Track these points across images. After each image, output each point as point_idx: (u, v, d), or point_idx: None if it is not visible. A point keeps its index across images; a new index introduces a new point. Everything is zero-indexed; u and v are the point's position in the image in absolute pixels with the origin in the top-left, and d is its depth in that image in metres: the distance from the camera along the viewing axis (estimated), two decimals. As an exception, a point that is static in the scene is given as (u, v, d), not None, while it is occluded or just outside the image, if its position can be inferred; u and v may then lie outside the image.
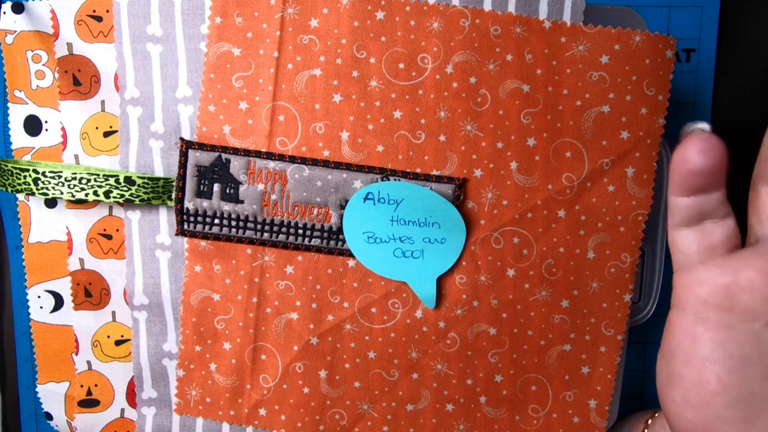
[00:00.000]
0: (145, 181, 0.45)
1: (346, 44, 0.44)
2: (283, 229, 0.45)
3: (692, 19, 0.60)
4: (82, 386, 0.51)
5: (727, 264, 0.38)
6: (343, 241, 0.45)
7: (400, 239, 0.44)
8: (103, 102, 0.47)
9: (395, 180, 0.44)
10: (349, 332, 0.47)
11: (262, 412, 0.49)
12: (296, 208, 0.45)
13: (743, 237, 0.41)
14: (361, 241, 0.45)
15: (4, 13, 0.47)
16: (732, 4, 0.59)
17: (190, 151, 0.45)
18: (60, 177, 0.44)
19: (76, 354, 0.50)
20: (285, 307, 0.47)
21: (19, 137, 0.49)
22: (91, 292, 0.49)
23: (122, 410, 0.51)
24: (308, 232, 0.45)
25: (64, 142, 0.47)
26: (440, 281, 0.46)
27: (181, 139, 0.45)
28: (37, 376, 0.52)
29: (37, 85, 0.48)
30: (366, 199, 0.44)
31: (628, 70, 0.43)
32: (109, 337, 0.50)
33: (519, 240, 0.45)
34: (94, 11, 0.46)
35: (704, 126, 0.38)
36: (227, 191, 0.45)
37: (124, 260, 0.48)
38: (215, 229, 0.46)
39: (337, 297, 0.46)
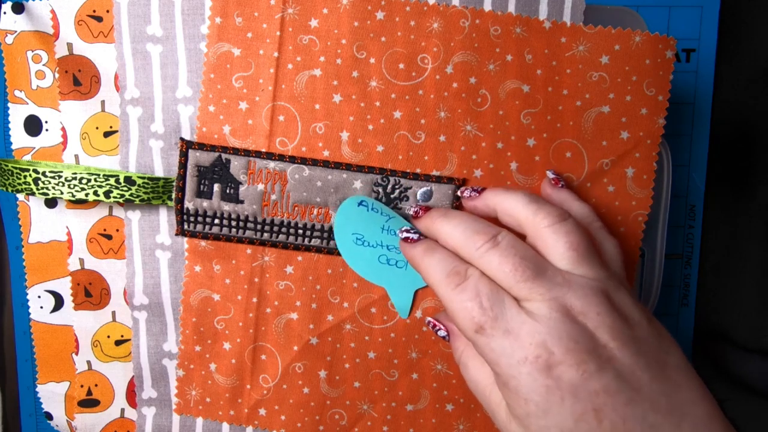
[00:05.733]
0: (145, 181, 0.45)
1: (346, 44, 0.44)
2: (283, 229, 0.45)
3: (692, 19, 0.60)
4: (82, 386, 0.51)
5: None
6: (343, 241, 0.45)
7: (387, 247, 0.44)
8: (103, 102, 0.47)
9: (395, 180, 0.44)
10: (349, 332, 0.47)
11: (262, 412, 0.49)
12: (296, 208, 0.45)
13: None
14: (349, 241, 0.45)
15: (5, 13, 0.47)
16: (732, 4, 0.59)
17: (190, 151, 0.45)
18: (60, 177, 0.44)
19: (76, 354, 0.50)
20: (285, 307, 0.47)
21: (19, 137, 0.49)
22: (91, 292, 0.49)
23: (122, 410, 0.51)
24: (308, 232, 0.45)
25: (65, 142, 0.47)
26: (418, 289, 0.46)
27: (181, 139, 0.45)
28: (37, 376, 0.52)
29: (38, 85, 0.48)
30: (360, 204, 0.44)
31: (628, 70, 0.43)
32: (109, 337, 0.50)
33: None
34: (94, 11, 0.46)
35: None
36: (227, 191, 0.45)
37: (124, 260, 0.48)
38: (215, 229, 0.46)
39: (337, 297, 0.46)
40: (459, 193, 0.44)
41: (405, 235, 0.42)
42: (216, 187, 0.45)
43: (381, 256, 0.45)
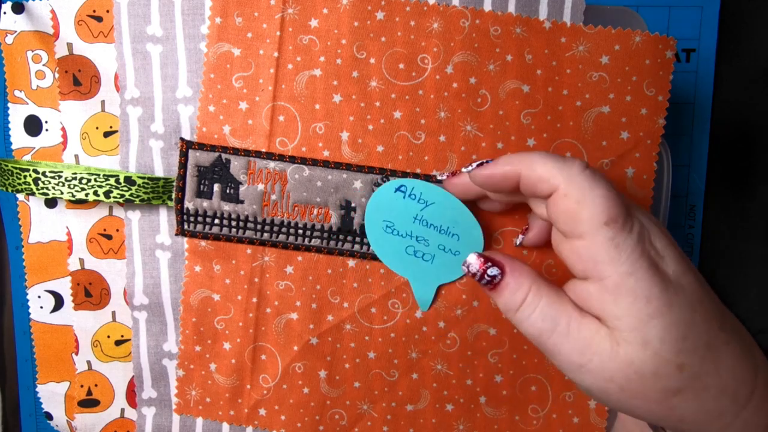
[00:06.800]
0: (145, 181, 0.45)
1: (346, 44, 0.44)
2: (283, 229, 0.45)
3: (692, 19, 0.60)
4: (82, 386, 0.51)
5: None
6: (344, 241, 0.45)
7: (417, 239, 0.44)
8: (103, 102, 0.47)
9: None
10: (348, 332, 0.47)
11: (262, 412, 0.49)
12: (296, 209, 0.45)
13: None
14: (379, 228, 0.44)
15: (5, 13, 0.47)
16: (732, 4, 0.59)
17: (190, 151, 0.45)
18: (60, 177, 0.44)
19: (76, 354, 0.50)
20: (285, 307, 0.47)
21: (19, 137, 0.49)
22: (91, 292, 0.49)
23: (122, 410, 0.51)
24: (308, 233, 0.45)
25: (65, 142, 0.47)
26: (440, 285, 0.46)
27: (181, 139, 0.45)
28: (37, 376, 0.52)
29: (38, 85, 0.48)
30: (397, 190, 0.44)
31: (628, 70, 0.43)
32: (109, 337, 0.50)
33: (519, 240, 0.45)
34: (94, 11, 0.46)
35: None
36: (227, 191, 0.45)
37: (124, 260, 0.48)
38: (215, 229, 0.46)
39: (337, 297, 0.46)
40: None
41: (477, 164, 0.39)
42: (216, 187, 0.45)
43: (408, 247, 0.44)
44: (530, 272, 0.37)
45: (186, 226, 0.46)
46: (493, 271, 0.38)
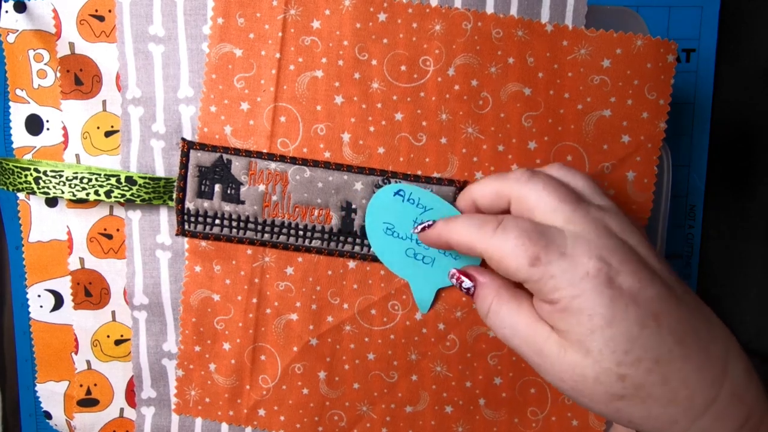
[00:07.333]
0: (146, 181, 0.45)
1: (348, 46, 0.44)
2: (284, 230, 0.45)
3: (692, 19, 0.60)
4: (81, 386, 0.51)
5: None
6: (344, 242, 0.45)
7: (416, 241, 0.44)
8: (104, 102, 0.47)
9: (396, 182, 0.44)
10: (348, 333, 0.47)
11: (261, 412, 0.49)
12: (297, 209, 0.45)
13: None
14: (379, 230, 0.45)
15: (6, 12, 0.47)
16: (732, 4, 0.59)
17: (191, 151, 0.45)
18: (61, 176, 0.44)
19: (76, 353, 0.50)
20: (285, 308, 0.47)
21: (20, 136, 0.49)
22: (91, 292, 0.49)
23: (121, 410, 0.51)
24: (309, 234, 0.45)
25: (66, 142, 0.47)
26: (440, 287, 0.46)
27: (183, 139, 0.45)
28: (36, 376, 0.52)
29: (39, 85, 0.48)
30: (396, 194, 0.44)
31: (629, 74, 0.43)
32: (108, 336, 0.50)
33: None
34: (97, 11, 0.46)
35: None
36: (228, 192, 0.45)
37: (125, 260, 0.48)
38: (216, 230, 0.46)
39: (336, 298, 0.46)
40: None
41: (420, 227, 0.43)
42: (217, 187, 0.45)
43: (408, 249, 0.45)
44: (495, 284, 0.40)
45: (186, 227, 0.46)
46: (467, 283, 0.42)
